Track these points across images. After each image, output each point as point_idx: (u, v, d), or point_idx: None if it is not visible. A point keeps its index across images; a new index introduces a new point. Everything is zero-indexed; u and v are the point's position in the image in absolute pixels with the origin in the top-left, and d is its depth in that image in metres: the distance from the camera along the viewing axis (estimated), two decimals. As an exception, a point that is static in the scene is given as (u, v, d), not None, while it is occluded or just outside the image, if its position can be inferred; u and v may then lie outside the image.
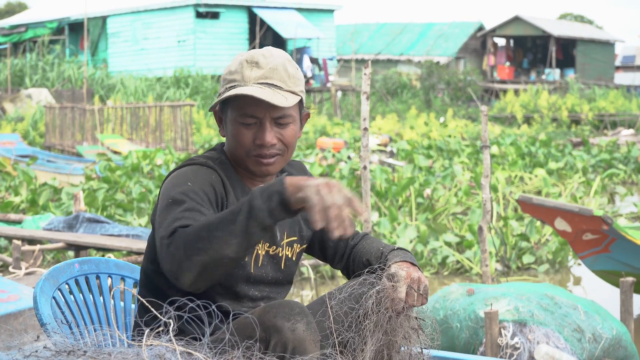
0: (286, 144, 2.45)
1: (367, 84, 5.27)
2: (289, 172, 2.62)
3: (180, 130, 19.09)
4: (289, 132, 2.44)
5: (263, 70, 2.41)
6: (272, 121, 2.41)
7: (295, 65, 2.47)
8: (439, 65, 34.68)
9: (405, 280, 2.39)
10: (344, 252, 2.68)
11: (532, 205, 5.96)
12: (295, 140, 2.48)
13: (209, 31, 29.79)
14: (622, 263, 6.28)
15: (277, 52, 2.46)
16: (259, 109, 2.39)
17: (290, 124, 2.44)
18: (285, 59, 2.45)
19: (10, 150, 15.86)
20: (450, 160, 16.43)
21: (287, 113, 2.42)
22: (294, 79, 2.44)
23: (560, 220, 5.97)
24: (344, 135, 22.05)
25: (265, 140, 2.40)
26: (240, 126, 2.41)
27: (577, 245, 6.19)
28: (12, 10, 52.54)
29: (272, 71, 2.41)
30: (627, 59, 47.02)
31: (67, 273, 2.63)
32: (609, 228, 5.87)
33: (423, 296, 2.41)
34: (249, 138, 2.41)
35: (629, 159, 17.15)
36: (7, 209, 10.01)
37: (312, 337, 2.24)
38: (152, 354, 1.93)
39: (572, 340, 4.21)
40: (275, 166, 2.46)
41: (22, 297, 3.45)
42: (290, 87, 2.42)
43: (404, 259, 2.48)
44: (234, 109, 2.42)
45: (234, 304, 2.43)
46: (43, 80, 28.20)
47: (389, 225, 9.30)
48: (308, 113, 2.55)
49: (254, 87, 2.39)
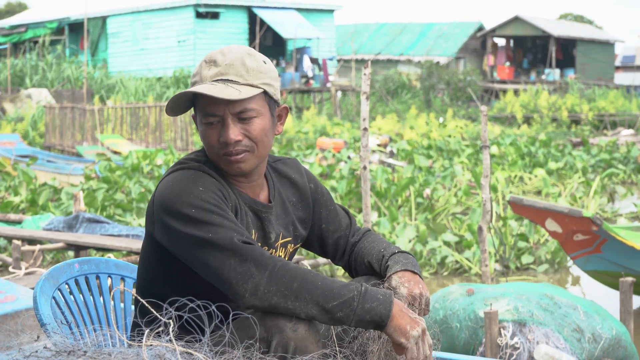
0: (253, 139, 2.39)
1: (367, 84, 5.27)
2: (283, 171, 2.59)
3: (180, 131, 19.10)
4: (254, 126, 2.38)
5: (219, 68, 2.38)
6: (234, 117, 2.37)
7: (258, 59, 2.41)
8: (439, 65, 34.68)
9: (407, 298, 2.39)
10: (345, 249, 2.66)
11: (522, 206, 5.97)
12: (265, 135, 2.41)
13: (209, 31, 29.78)
14: (614, 263, 6.30)
15: (237, 48, 2.42)
16: (216, 107, 2.36)
17: (255, 118, 2.38)
18: (245, 52, 2.41)
19: (10, 150, 15.86)
20: (450, 160, 16.43)
21: (249, 107, 2.37)
22: (254, 72, 2.38)
23: (550, 221, 5.99)
24: (344, 135, 22.05)
25: (228, 137, 2.35)
26: (205, 127, 2.39)
27: (568, 246, 6.21)
28: (12, 10, 52.54)
29: (228, 67, 2.37)
30: (627, 59, 47.02)
31: (67, 273, 2.63)
32: (598, 229, 5.89)
33: (425, 309, 2.42)
34: (214, 137, 2.38)
35: (629, 159, 17.15)
36: (7, 209, 10.02)
37: (314, 337, 2.24)
38: (152, 354, 1.93)
39: (571, 340, 4.21)
40: (247, 163, 2.40)
41: (20, 297, 3.44)
42: (248, 80, 2.37)
43: (404, 267, 2.45)
44: (198, 111, 2.40)
45: (231, 302, 2.43)
46: (43, 81, 28.20)
47: (388, 225, 9.30)
48: (285, 107, 2.50)
49: (205, 85, 2.36)
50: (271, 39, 31.75)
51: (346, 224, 2.67)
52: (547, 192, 12.56)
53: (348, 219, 2.68)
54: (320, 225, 2.63)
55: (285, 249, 2.54)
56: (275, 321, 2.22)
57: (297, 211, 2.58)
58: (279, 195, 2.54)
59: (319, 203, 2.63)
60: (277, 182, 2.56)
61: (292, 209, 2.56)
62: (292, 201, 2.57)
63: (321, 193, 2.64)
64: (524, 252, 8.85)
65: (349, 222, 2.67)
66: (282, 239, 2.52)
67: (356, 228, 2.69)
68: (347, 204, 10.66)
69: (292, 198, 2.57)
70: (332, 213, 2.65)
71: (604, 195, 13.44)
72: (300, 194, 2.59)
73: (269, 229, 2.47)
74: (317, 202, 2.62)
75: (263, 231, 2.46)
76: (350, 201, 10.78)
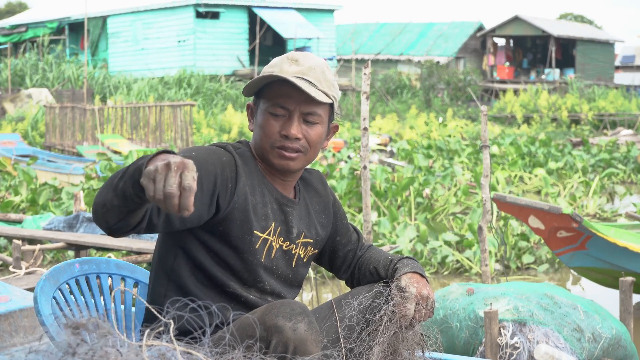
0: (310, 142, 2.47)
1: (367, 84, 5.27)
2: (308, 179, 2.67)
3: (180, 130, 19.10)
4: (315, 131, 2.47)
5: (301, 67, 2.45)
6: (301, 116, 2.45)
7: (332, 74, 2.52)
8: (438, 65, 34.66)
9: (415, 297, 2.45)
10: (352, 263, 2.74)
11: (506, 203, 6.00)
12: (320, 143, 2.50)
13: (209, 31, 29.78)
14: (600, 260, 6.34)
15: (317, 57, 2.52)
16: (290, 101, 2.43)
17: (318, 124, 2.48)
18: (324, 64, 2.51)
19: (10, 150, 15.87)
20: (450, 160, 16.43)
21: (317, 112, 2.46)
22: (329, 83, 2.48)
23: (533, 218, 6.03)
24: (344, 135, 22.06)
25: (291, 132, 2.43)
26: (270, 116, 2.45)
27: (551, 243, 6.24)
28: (12, 10, 52.52)
29: (310, 69, 2.46)
30: (626, 59, 47.02)
31: (68, 273, 2.63)
32: (578, 225, 5.92)
33: (430, 311, 2.48)
34: (275, 128, 2.45)
35: (629, 159, 17.16)
36: (7, 208, 10.02)
37: (314, 337, 2.24)
38: (152, 354, 1.93)
39: (571, 339, 4.21)
40: (296, 163, 2.48)
41: (13, 298, 3.42)
42: (323, 87, 2.46)
43: (413, 269, 2.53)
44: (267, 99, 2.46)
45: (242, 288, 2.46)
46: (43, 80, 28.19)
47: (388, 224, 9.31)
48: (336, 125, 2.59)
49: (291, 77, 2.43)
50: (271, 39, 31.75)
51: (355, 239, 2.76)
52: (547, 192, 12.56)
53: (356, 234, 2.77)
54: (335, 238, 2.72)
55: (305, 249, 2.60)
56: (274, 321, 2.23)
57: (320, 217, 2.66)
58: (303, 199, 2.62)
59: (337, 215, 2.72)
60: (303, 188, 2.64)
61: (315, 215, 2.64)
62: (316, 208, 2.65)
63: (338, 206, 2.74)
64: (525, 251, 8.85)
65: (357, 237, 2.77)
66: (304, 238, 2.58)
67: (362, 243, 2.78)
68: (347, 203, 10.67)
69: (316, 206, 2.65)
70: (345, 227, 2.74)
71: (603, 195, 13.44)
72: (323, 203, 2.68)
73: (292, 224, 2.53)
74: (335, 215, 2.71)
75: (286, 225, 2.52)
76: (350, 201, 10.78)
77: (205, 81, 27.98)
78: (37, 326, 3.31)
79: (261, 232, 2.45)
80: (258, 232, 2.44)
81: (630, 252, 6.22)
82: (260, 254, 2.46)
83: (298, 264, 2.58)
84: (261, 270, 2.47)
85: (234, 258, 2.42)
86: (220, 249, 2.41)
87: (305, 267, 2.62)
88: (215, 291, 2.43)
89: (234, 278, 2.44)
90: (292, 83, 2.40)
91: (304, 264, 2.60)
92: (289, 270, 2.55)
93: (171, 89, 27.47)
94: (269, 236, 2.47)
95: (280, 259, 2.52)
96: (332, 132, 2.58)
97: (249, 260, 2.44)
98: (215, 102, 27.19)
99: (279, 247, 2.51)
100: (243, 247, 2.42)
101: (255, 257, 2.45)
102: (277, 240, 2.50)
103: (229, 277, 2.44)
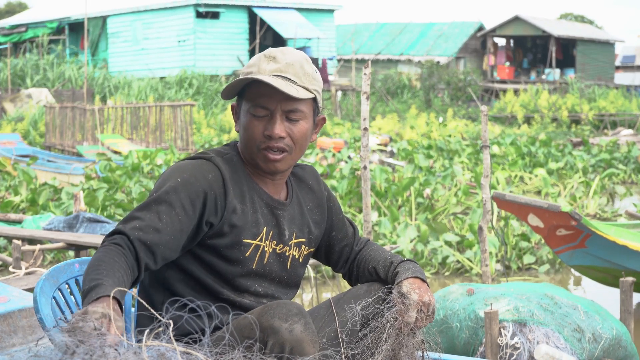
0: (295, 140, 2.45)
1: (367, 84, 5.26)
2: (301, 176, 2.65)
3: (180, 130, 19.09)
4: (299, 128, 2.45)
5: (279, 65, 2.43)
6: (283, 114, 2.42)
7: (313, 67, 2.48)
8: (439, 65, 34.66)
9: (417, 304, 2.45)
10: (349, 258, 2.73)
11: (505, 201, 6.00)
12: (306, 139, 2.48)
13: (209, 31, 29.78)
14: (600, 258, 6.34)
15: (296, 51, 2.49)
16: (270, 101, 2.41)
17: (301, 120, 2.45)
18: (303, 58, 2.47)
19: (10, 150, 15.86)
20: (450, 160, 16.43)
21: (299, 108, 2.43)
22: (309, 77, 2.45)
23: (532, 216, 6.02)
24: (344, 135, 22.06)
25: (274, 131, 2.41)
26: (252, 117, 2.43)
27: (551, 241, 6.24)
28: (12, 10, 52.52)
29: (288, 66, 2.43)
30: (627, 59, 47.01)
31: (67, 273, 2.63)
32: (577, 223, 5.92)
33: (431, 317, 2.48)
34: (259, 129, 2.43)
35: (629, 159, 17.15)
36: (7, 208, 10.01)
37: (310, 337, 2.24)
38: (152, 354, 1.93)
39: (572, 340, 4.21)
40: (282, 163, 2.46)
41: (12, 298, 3.41)
42: (304, 83, 2.44)
43: (414, 274, 2.52)
44: (247, 101, 2.44)
45: (235, 294, 2.46)
46: (43, 80, 28.19)
47: (389, 224, 9.30)
48: (324, 117, 2.56)
49: (267, 77, 2.41)
50: (271, 39, 31.73)
51: (351, 233, 2.75)
52: (547, 192, 12.56)
53: (352, 228, 2.76)
54: (330, 233, 2.70)
55: (299, 249, 2.58)
56: (270, 322, 2.22)
57: (314, 215, 2.64)
58: (296, 198, 2.60)
59: (331, 211, 2.70)
60: (295, 185, 2.62)
61: (309, 213, 2.62)
62: (309, 206, 2.63)
63: (333, 201, 2.72)
64: (526, 252, 8.85)
65: (353, 231, 2.75)
66: (296, 239, 2.56)
67: (359, 238, 2.76)
68: (347, 203, 10.66)
69: (309, 203, 2.63)
70: (341, 222, 2.73)
71: (603, 195, 13.44)
72: (317, 200, 2.66)
73: (283, 226, 2.52)
74: (329, 210, 2.70)
75: (278, 228, 2.51)
76: (350, 201, 10.78)
77: (206, 81, 27.99)
78: (35, 326, 3.30)
79: (252, 239, 2.45)
80: (248, 239, 2.44)
81: (629, 250, 6.22)
82: (252, 261, 2.46)
83: (293, 265, 2.57)
84: (253, 277, 2.47)
85: (224, 267, 2.43)
86: (210, 260, 2.42)
87: (302, 267, 2.61)
88: (209, 298, 2.43)
89: (227, 286, 2.45)
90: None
91: (300, 264, 2.60)
92: (284, 273, 2.54)
93: (171, 88, 27.48)
94: (260, 242, 2.46)
95: (274, 262, 2.51)
96: (319, 125, 2.55)
97: (240, 269, 2.44)
98: (216, 102, 27.20)
99: (272, 251, 2.50)
100: (232, 257, 2.43)
101: (246, 265, 2.45)
102: (270, 244, 2.49)
103: (221, 285, 2.44)
